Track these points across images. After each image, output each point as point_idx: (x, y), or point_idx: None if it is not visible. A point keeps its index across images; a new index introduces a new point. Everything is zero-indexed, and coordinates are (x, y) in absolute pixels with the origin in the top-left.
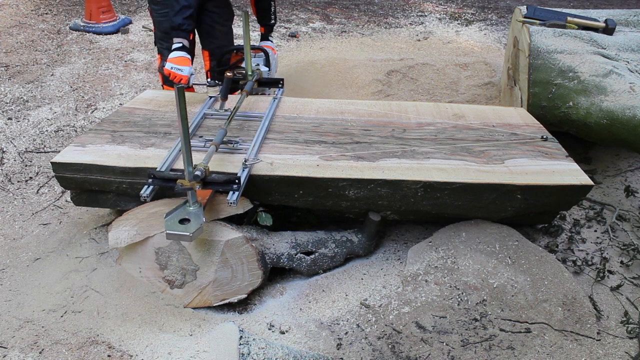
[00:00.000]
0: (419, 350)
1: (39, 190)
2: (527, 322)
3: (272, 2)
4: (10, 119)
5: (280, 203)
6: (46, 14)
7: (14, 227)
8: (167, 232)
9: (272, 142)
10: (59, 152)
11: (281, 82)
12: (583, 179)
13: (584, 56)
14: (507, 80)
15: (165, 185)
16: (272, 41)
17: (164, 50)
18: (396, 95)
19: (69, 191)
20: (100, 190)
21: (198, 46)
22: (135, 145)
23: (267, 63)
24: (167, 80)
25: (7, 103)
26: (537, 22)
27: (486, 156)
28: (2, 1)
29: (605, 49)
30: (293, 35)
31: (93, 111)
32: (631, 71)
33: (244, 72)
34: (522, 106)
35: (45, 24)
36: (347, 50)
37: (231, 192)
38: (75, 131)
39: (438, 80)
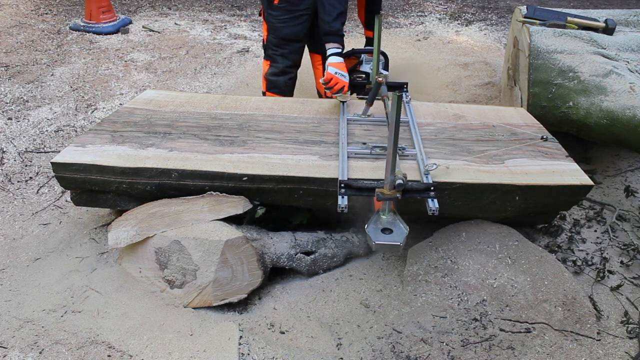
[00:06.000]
0: (419, 350)
1: (39, 190)
2: (527, 322)
3: (380, 7)
4: (10, 119)
5: (280, 203)
6: (46, 14)
7: (14, 227)
8: (376, 242)
9: (273, 141)
10: (59, 152)
11: (405, 85)
12: (583, 179)
13: (584, 56)
14: (507, 80)
15: (360, 195)
16: None
17: (277, 57)
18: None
19: (69, 191)
20: (100, 190)
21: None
22: (135, 146)
23: (387, 66)
24: (271, 88)
25: (7, 103)
26: (537, 22)
27: (486, 156)
28: (2, 1)
29: (605, 49)
30: None
31: (93, 111)
32: (631, 71)
33: (363, 76)
34: (522, 106)
35: (45, 24)
36: (347, 50)
37: (430, 200)
38: (75, 131)
39: (438, 80)
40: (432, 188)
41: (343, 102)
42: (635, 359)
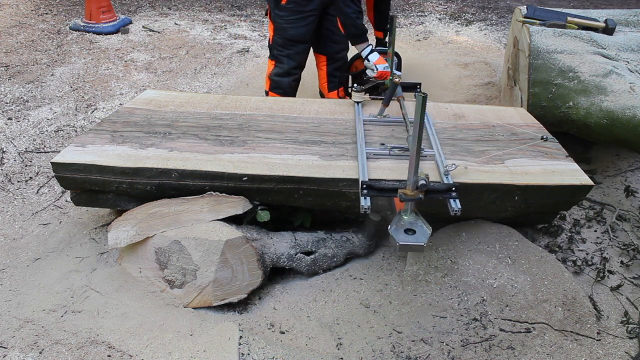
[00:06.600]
0: (419, 350)
1: (39, 190)
2: (527, 322)
3: (389, 7)
4: (10, 119)
5: (280, 203)
6: (46, 14)
7: (14, 227)
8: (400, 243)
9: (273, 141)
10: (59, 152)
11: (419, 86)
12: (583, 179)
13: (584, 56)
14: (507, 80)
15: (382, 196)
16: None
17: (282, 57)
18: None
19: (69, 191)
20: (100, 190)
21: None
22: (135, 146)
23: (399, 67)
24: (274, 88)
25: (7, 103)
26: (537, 22)
27: (486, 156)
28: (2, 1)
29: (605, 49)
30: None
31: (93, 111)
32: (631, 71)
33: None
34: (522, 106)
35: (45, 24)
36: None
37: (452, 200)
38: (75, 131)
39: (438, 80)
40: (453, 189)
41: (358, 103)
42: (635, 359)
